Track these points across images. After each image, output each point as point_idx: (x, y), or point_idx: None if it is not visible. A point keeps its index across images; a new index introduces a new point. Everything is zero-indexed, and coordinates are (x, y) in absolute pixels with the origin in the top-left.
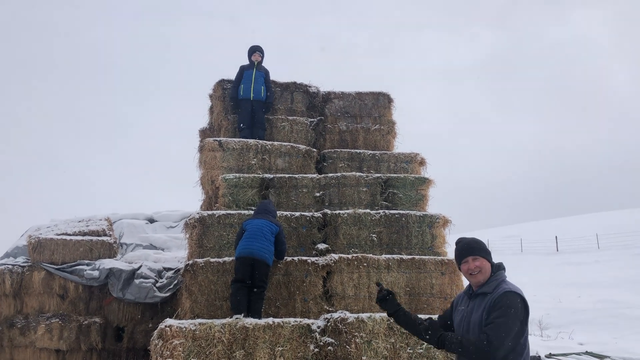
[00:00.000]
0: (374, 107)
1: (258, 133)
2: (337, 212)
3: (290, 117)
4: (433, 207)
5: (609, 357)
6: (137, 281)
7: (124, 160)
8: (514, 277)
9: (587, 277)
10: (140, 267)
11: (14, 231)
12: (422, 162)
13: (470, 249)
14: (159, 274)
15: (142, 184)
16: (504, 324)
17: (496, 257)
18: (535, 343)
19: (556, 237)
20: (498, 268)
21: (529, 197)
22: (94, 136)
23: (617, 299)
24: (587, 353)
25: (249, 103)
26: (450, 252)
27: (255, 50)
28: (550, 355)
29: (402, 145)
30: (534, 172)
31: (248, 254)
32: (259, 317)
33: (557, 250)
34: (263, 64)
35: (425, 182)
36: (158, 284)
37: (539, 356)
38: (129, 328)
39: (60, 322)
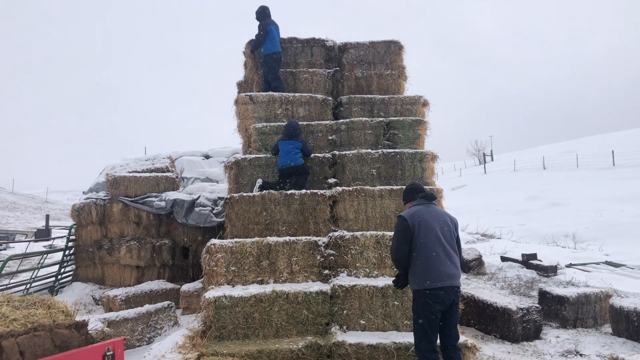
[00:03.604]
0: (386, 54)
1: (278, 85)
2: (344, 152)
3: (310, 70)
4: (494, 124)
5: (624, 265)
6: (197, 209)
7: (182, 93)
8: (563, 193)
9: (637, 191)
10: (199, 197)
11: (92, 167)
12: (425, 104)
13: None
14: (215, 202)
15: (199, 117)
16: (392, 242)
17: (551, 174)
18: (563, 254)
19: (612, 151)
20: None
21: (590, 110)
22: (155, 67)
23: None
24: (605, 262)
25: (278, 56)
26: (438, 183)
27: (269, 12)
28: (570, 265)
29: (412, 87)
30: (597, 85)
31: (286, 166)
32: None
33: (614, 165)
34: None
35: (420, 123)
36: (214, 211)
37: (556, 265)
38: (192, 247)
39: (137, 244)
